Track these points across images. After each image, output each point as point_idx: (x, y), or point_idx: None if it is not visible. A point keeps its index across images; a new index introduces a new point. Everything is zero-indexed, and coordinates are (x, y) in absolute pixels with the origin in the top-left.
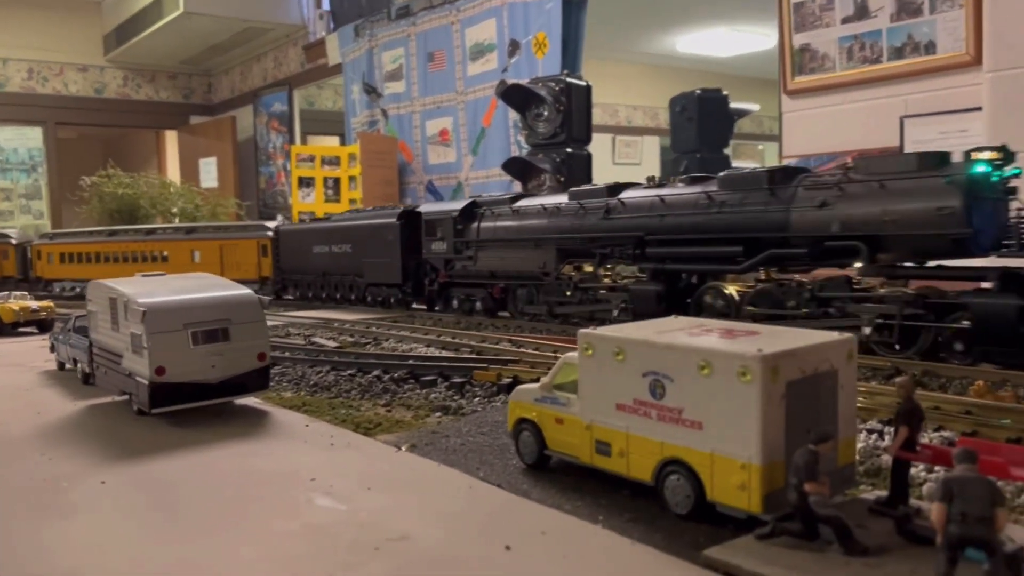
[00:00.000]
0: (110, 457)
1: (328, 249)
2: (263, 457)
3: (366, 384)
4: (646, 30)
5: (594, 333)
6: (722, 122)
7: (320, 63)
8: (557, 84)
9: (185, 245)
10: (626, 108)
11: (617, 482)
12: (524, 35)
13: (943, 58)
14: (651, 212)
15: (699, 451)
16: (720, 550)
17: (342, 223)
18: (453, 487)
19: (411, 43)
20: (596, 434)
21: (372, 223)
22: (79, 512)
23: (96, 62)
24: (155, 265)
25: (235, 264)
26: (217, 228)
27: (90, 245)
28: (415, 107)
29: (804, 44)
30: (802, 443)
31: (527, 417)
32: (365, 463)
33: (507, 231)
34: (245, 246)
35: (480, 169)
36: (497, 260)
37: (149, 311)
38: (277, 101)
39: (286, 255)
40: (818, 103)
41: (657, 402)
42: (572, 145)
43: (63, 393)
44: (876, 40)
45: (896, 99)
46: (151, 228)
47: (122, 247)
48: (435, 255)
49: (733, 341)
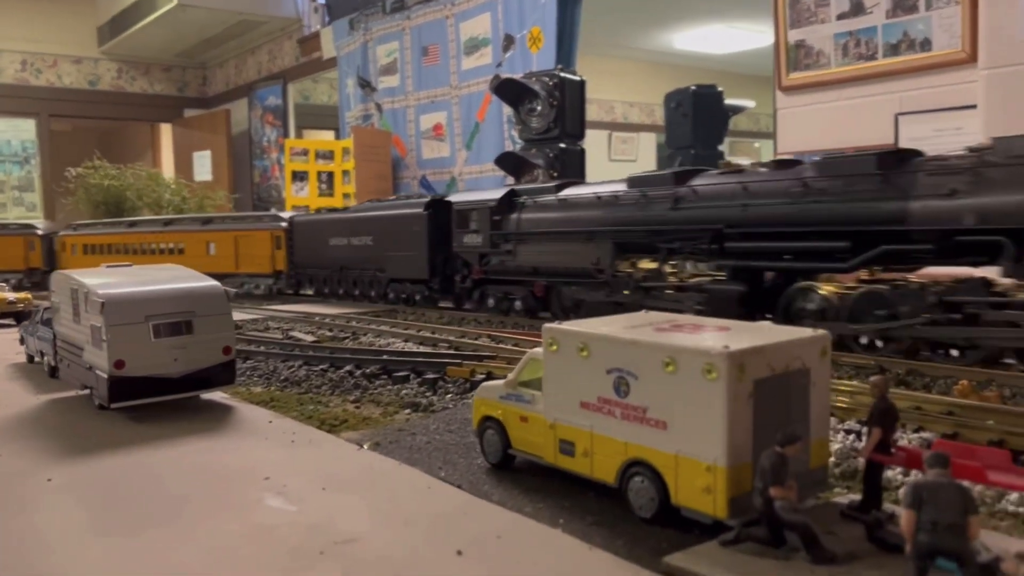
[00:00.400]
0: (61, 453)
1: (347, 242)
2: (219, 454)
3: (337, 379)
4: (643, 26)
5: (559, 328)
6: (717, 118)
7: (315, 57)
8: (551, 79)
9: (201, 237)
10: (622, 104)
11: (583, 484)
12: (519, 30)
13: (939, 55)
14: (731, 201)
15: (663, 452)
16: (681, 557)
17: (362, 214)
18: (411, 487)
19: (406, 37)
20: (560, 433)
21: (396, 214)
22: (22, 510)
23: (90, 54)
24: (171, 258)
25: (249, 257)
26: (233, 219)
27: (111, 237)
28: (409, 101)
29: (799, 40)
30: (771, 444)
31: (492, 415)
32: (324, 462)
33: (552, 222)
34: (259, 238)
35: (474, 164)
36: (540, 255)
37: (108, 302)
38: (272, 95)
39: (301, 248)
40: (813, 100)
41: (621, 400)
42: (565, 140)
43: (27, 387)
44: (871, 37)
45: (891, 96)
46: (169, 219)
47: (140, 238)
48: (468, 249)
49: (700, 337)
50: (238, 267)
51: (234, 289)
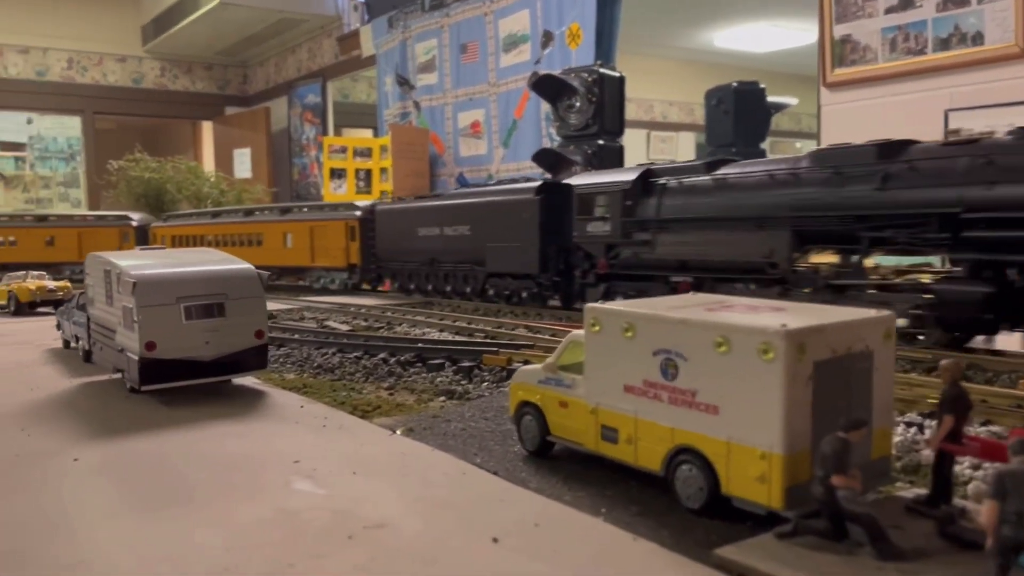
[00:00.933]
0: (89, 434)
1: (439, 231)
2: (248, 438)
3: (371, 367)
4: (683, 25)
5: (601, 307)
6: (759, 116)
7: (354, 55)
8: (590, 75)
9: (278, 227)
10: (661, 103)
11: (625, 472)
12: (558, 26)
13: (991, 49)
14: (968, 178)
15: (714, 438)
16: (734, 550)
17: (459, 200)
18: (444, 473)
19: (444, 34)
20: (602, 419)
21: (501, 200)
22: (45, 489)
23: (134, 52)
24: (249, 250)
25: (324, 249)
26: (310, 207)
27: (196, 228)
28: (447, 99)
29: (845, 35)
30: (831, 431)
31: (530, 400)
32: (355, 446)
33: (706, 207)
34: (333, 228)
35: (511, 162)
36: (688, 246)
37: (140, 283)
38: (311, 93)
39: (384, 239)
40: (859, 96)
41: (669, 383)
42: (604, 137)
43: (62, 371)
44: (921, 31)
45: (941, 92)
46: (250, 209)
47: (222, 229)
48: (592, 238)
49: (755, 316)
50: (314, 260)
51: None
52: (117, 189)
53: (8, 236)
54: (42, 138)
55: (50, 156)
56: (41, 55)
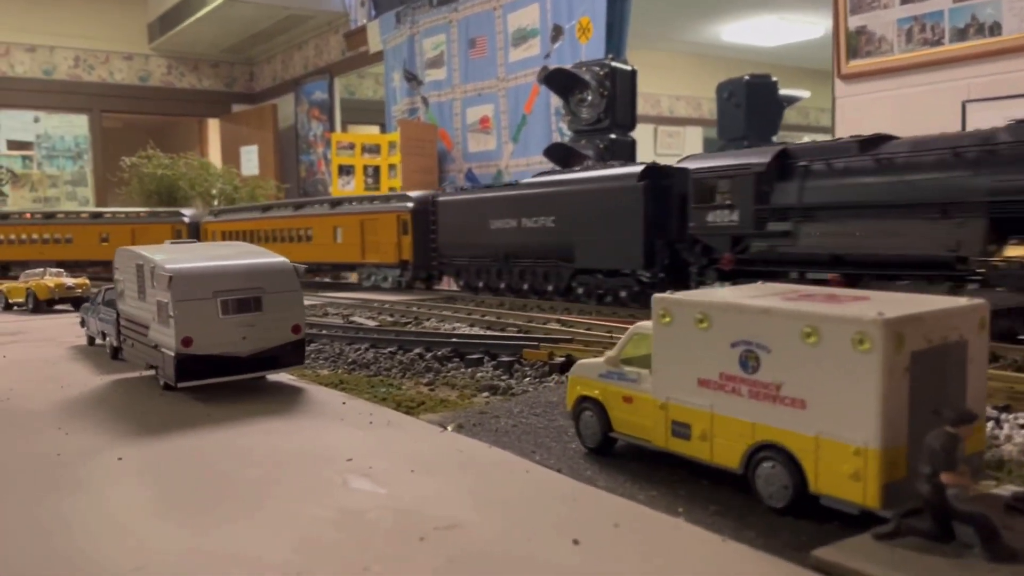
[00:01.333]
0: (130, 432)
1: (515, 224)
2: (294, 435)
3: (407, 362)
4: (691, 18)
5: (673, 298)
6: (771, 109)
7: (361, 51)
8: (601, 68)
9: (328, 221)
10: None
11: (696, 469)
12: (568, 20)
13: (1009, 40)
14: None
15: (801, 434)
16: (833, 551)
17: (542, 189)
18: (507, 471)
19: (452, 29)
20: (673, 414)
21: (596, 187)
22: (90, 489)
23: (141, 50)
24: (298, 247)
25: (375, 244)
26: (360, 199)
27: (245, 223)
28: (456, 94)
29: (860, 27)
30: (927, 426)
31: (590, 395)
32: (407, 443)
33: (867, 191)
34: (384, 221)
35: (521, 157)
36: (842, 237)
37: (176, 277)
38: (318, 89)
39: (448, 232)
40: (874, 88)
41: (749, 376)
42: (616, 131)
43: (90, 368)
44: (937, 21)
45: (958, 83)
46: (300, 202)
47: (272, 224)
48: (713, 230)
49: (844, 305)
50: (364, 256)
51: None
52: (129, 186)
53: (65, 234)
54: (49, 137)
55: (57, 155)
56: (48, 53)
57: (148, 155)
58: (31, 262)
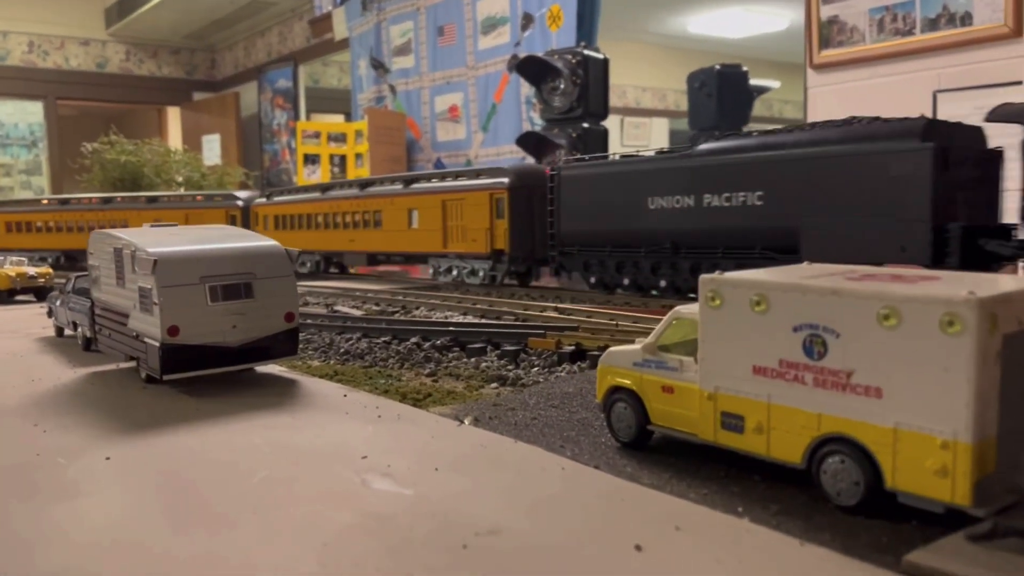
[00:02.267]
0: (115, 429)
1: (691, 202)
2: (299, 431)
3: (404, 352)
4: (657, 9)
5: (723, 278)
6: (742, 99)
7: (326, 38)
8: (574, 56)
9: (401, 202)
10: (634, 89)
11: (745, 463)
12: (538, 8)
13: (980, 30)
14: None
15: (876, 425)
16: (928, 555)
17: (742, 154)
18: (539, 468)
19: (420, 17)
20: (722, 404)
21: (841, 150)
22: (80, 494)
23: (98, 36)
24: (366, 232)
25: (459, 230)
26: (443, 176)
27: (302, 206)
28: (424, 82)
29: (832, 16)
30: (1019, 416)
31: (623, 385)
32: (423, 438)
33: None
34: (473, 202)
35: (491, 146)
36: None
37: (161, 261)
38: (282, 77)
39: (573, 214)
40: (846, 77)
41: (815, 363)
42: (589, 120)
43: (61, 360)
44: (909, 11)
45: (929, 73)
46: (366, 180)
47: (332, 207)
48: None
49: (923, 285)
50: (447, 244)
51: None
52: (91, 173)
53: (121, 218)
54: (2, 124)
55: (11, 143)
56: (0, 39)
57: (111, 141)
58: None
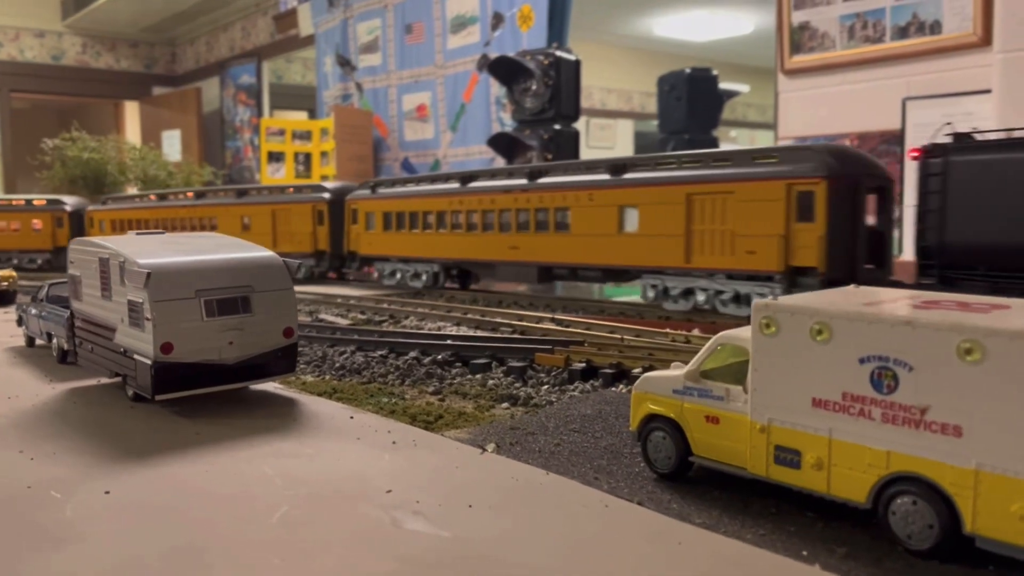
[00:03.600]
0: (110, 457)
1: None
2: (311, 459)
3: (404, 368)
4: (623, 11)
5: (780, 304)
6: (711, 103)
7: (291, 34)
8: (546, 57)
9: (605, 197)
10: (600, 91)
11: (792, 498)
12: (508, 7)
13: (949, 38)
14: None
15: (955, 466)
16: None
17: None
18: (580, 505)
19: (388, 14)
20: (776, 438)
21: None
22: (81, 538)
23: (54, 27)
24: (540, 239)
25: (722, 237)
26: (680, 159)
27: (425, 200)
28: (391, 81)
29: (803, 22)
30: None
31: (662, 413)
32: (447, 469)
33: None
34: (750, 194)
35: (459, 146)
36: None
37: (154, 274)
38: (245, 73)
39: (973, 215)
40: (816, 83)
41: (884, 397)
42: (560, 121)
43: (36, 374)
44: (879, 19)
45: (899, 80)
46: (536, 168)
47: (479, 202)
48: None
49: (997, 316)
50: (690, 257)
51: (297, 261)
52: (52, 170)
53: (211, 214)
54: None
55: None
56: None
57: (72, 137)
58: None
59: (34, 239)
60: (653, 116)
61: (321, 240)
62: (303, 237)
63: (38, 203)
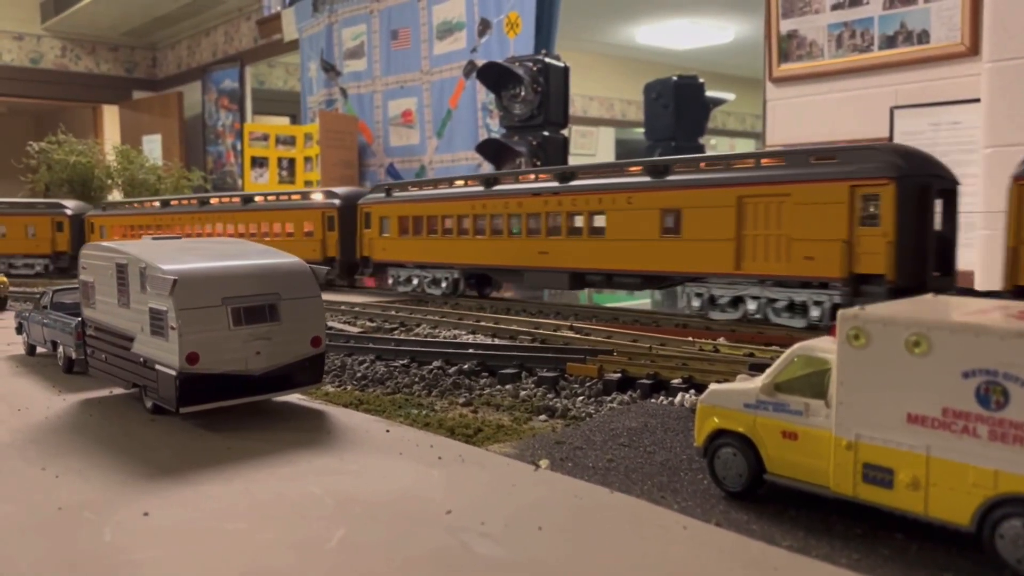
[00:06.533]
0: (142, 475)
1: None
2: (357, 476)
3: (430, 377)
4: (605, 20)
5: (871, 314)
6: (698, 110)
7: (274, 39)
8: (535, 64)
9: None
10: (582, 98)
11: (876, 518)
12: (495, 14)
13: (937, 47)
14: None
15: None
16: None
17: None
18: (656, 527)
19: (374, 20)
20: (865, 455)
21: None
22: (129, 565)
23: (32, 30)
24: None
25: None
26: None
27: (443, 204)
28: (377, 86)
29: (791, 30)
30: None
31: (732, 429)
32: (504, 487)
33: None
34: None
35: (445, 152)
36: None
37: (181, 281)
38: (228, 77)
39: None
40: (805, 92)
41: (992, 414)
42: (549, 128)
43: (43, 385)
44: (867, 28)
45: (887, 89)
46: (569, 170)
47: (504, 205)
48: None
49: None
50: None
51: (324, 268)
52: (38, 174)
53: (212, 221)
54: None
55: None
56: None
57: (59, 140)
58: None
59: (31, 244)
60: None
61: (331, 247)
62: (313, 243)
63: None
